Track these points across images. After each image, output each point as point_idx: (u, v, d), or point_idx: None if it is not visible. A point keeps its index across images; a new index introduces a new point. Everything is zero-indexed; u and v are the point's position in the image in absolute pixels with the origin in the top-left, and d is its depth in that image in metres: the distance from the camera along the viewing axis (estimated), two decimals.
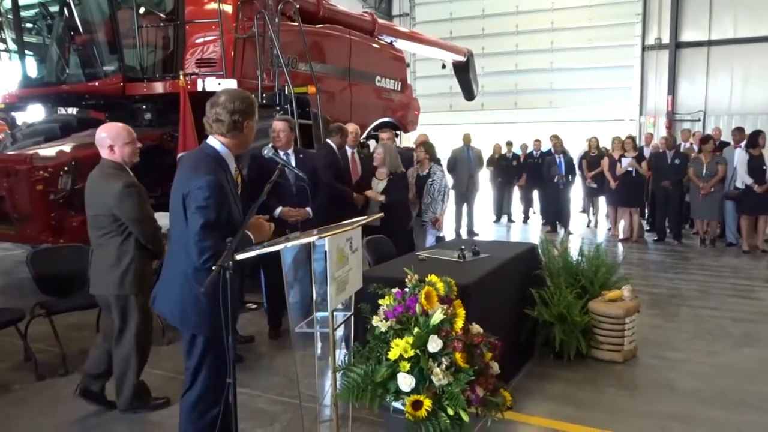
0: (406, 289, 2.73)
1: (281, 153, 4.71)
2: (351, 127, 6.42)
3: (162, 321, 5.21)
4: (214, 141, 2.75)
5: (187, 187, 2.59)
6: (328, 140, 6.21)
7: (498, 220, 13.04)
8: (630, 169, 9.85)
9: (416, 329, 2.56)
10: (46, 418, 3.73)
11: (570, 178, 11.11)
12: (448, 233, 7.34)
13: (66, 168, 6.04)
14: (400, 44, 11.05)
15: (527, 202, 13.19)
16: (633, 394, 4.10)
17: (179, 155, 6.08)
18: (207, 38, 7.01)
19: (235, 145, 2.78)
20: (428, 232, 6.40)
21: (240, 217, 2.69)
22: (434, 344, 2.52)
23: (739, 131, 9.75)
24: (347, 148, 6.33)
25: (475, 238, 9.85)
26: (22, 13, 7.49)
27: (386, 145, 6.22)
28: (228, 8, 6.95)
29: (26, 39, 7.54)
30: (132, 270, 3.59)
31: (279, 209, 4.76)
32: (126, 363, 3.71)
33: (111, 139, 3.60)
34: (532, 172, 12.31)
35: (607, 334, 4.60)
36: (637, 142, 11.50)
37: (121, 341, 3.68)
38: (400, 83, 10.64)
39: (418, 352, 2.52)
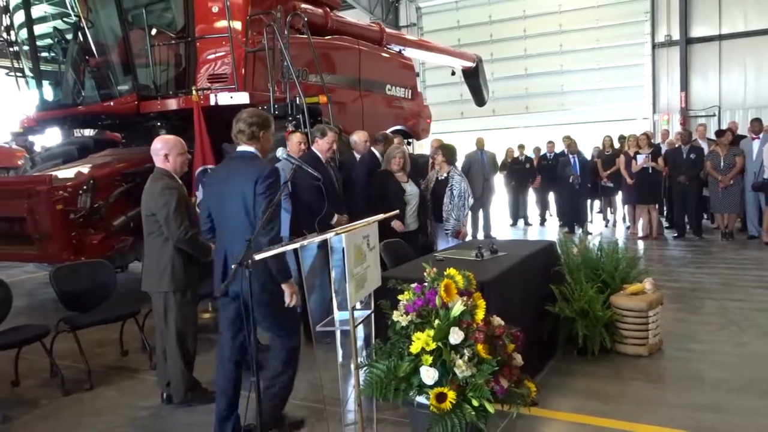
0: (425, 284, 2.72)
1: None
2: (361, 135, 6.43)
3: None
4: (243, 147, 3.43)
5: (254, 176, 3.18)
6: (372, 148, 6.30)
7: (515, 223, 12.98)
8: (646, 165, 9.76)
9: (437, 322, 2.55)
10: (74, 431, 3.75)
11: (584, 178, 11.03)
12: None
13: (84, 187, 6.14)
14: (409, 53, 11.11)
15: (543, 205, 13.12)
16: (660, 387, 4.04)
17: (198, 169, 6.16)
18: (218, 54, 7.12)
19: (259, 149, 3.45)
20: (448, 241, 6.30)
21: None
22: (456, 336, 2.51)
23: (758, 122, 9.63)
24: (356, 155, 6.34)
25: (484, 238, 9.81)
26: (38, 41, 7.65)
27: (399, 147, 6.21)
28: (237, 24, 7.06)
29: (42, 65, 7.70)
30: (170, 268, 3.84)
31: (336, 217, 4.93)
32: (173, 358, 3.92)
33: (167, 149, 3.94)
34: (547, 174, 12.25)
35: (630, 328, 4.54)
36: (653, 140, 11.40)
37: (166, 337, 3.93)
38: (410, 91, 10.68)
39: (439, 344, 2.51)
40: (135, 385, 4.53)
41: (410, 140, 10.84)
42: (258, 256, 2.51)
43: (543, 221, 13.06)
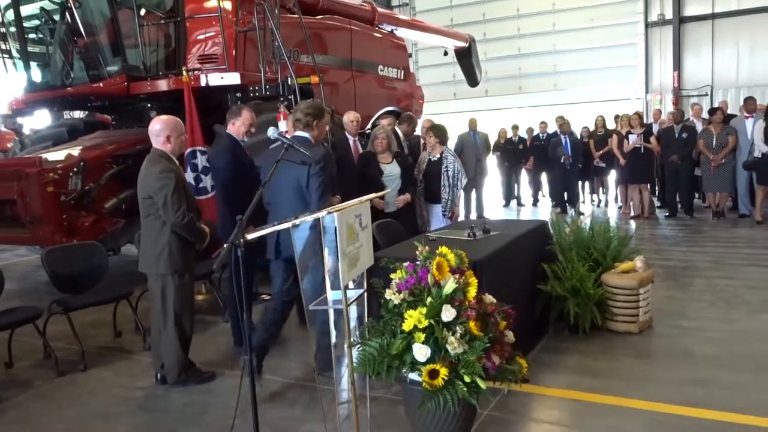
0: (417, 262, 2.73)
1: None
2: (351, 116, 6.39)
3: (222, 300, 5.28)
4: (301, 133, 4.03)
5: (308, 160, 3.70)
6: (396, 128, 6.29)
7: (507, 204, 13.00)
8: (638, 145, 9.77)
9: (429, 299, 2.57)
10: (69, 411, 3.77)
11: (576, 158, 11.04)
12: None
13: (75, 169, 6.10)
14: (402, 33, 11.02)
15: (536, 185, 13.14)
16: (650, 362, 4.09)
17: (187, 151, 6.12)
18: (208, 34, 7.03)
19: (313, 136, 4.05)
20: (440, 219, 6.29)
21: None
22: (448, 313, 2.52)
23: (752, 101, 9.64)
24: (348, 136, 6.31)
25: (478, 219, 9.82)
26: (25, 22, 7.54)
27: (383, 127, 6.15)
28: (228, 3, 6.96)
29: (29, 46, 7.59)
30: (167, 251, 3.84)
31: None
32: (169, 339, 3.94)
33: (169, 130, 3.90)
34: (539, 155, 12.26)
35: (621, 306, 4.59)
36: (645, 119, 11.40)
37: (163, 319, 3.94)
38: (402, 72, 10.62)
39: (432, 322, 2.52)
40: (129, 365, 4.55)
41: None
42: (250, 236, 2.51)
43: (536, 202, 13.10)
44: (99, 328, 5.32)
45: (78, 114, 8.98)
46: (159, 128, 3.89)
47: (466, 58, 13.19)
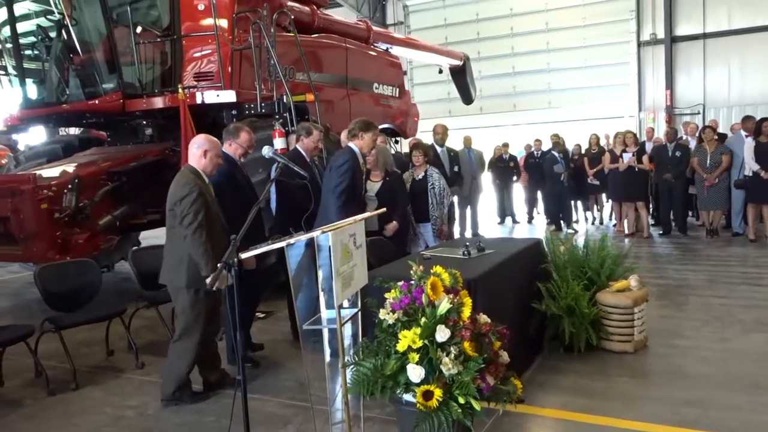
0: (412, 282, 2.73)
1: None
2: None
3: (171, 333, 5.23)
4: (351, 144, 4.69)
5: (334, 163, 4.57)
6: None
7: (502, 221, 13.03)
8: (632, 164, 9.80)
9: (423, 320, 2.56)
10: (59, 431, 3.73)
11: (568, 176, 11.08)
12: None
13: (69, 186, 6.09)
14: (397, 51, 11.12)
15: (531, 203, 13.17)
16: (645, 383, 4.08)
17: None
18: (204, 51, 7.08)
19: (359, 146, 4.68)
20: (428, 239, 6.27)
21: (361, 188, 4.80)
22: (442, 334, 2.52)
23: (750, 119, 9.67)
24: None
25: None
26: (21, 39, 7.58)
27: (378, 145, 6.14)
28: (224, 22, 7.02)
29: (26, 63, 7.62)
30: (184, 264, 3.83)
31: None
32: (176, 355, 3.95)
33: (208, 146, 3.95)
34: (534, 172, 12.32)
35: (616, 325, 4.58)
36: (638, 137, 11.45)
37: (175, 332, 3.98)
38: (398, 89, 10.70)
39: (426, 342, 2.51)
40: (121, 384, 4.50)
41: (398, 138, 10.85)
42: (244, 255, 2.51)
43: (530, 219, 13.12)
44: (91, 346, 5.27)
45: (73, 130, 9.00)
46: (201, 142, 3.96)
47: (460, 76, 13.31)
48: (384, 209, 3.87)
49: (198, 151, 3.93)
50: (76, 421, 3.86)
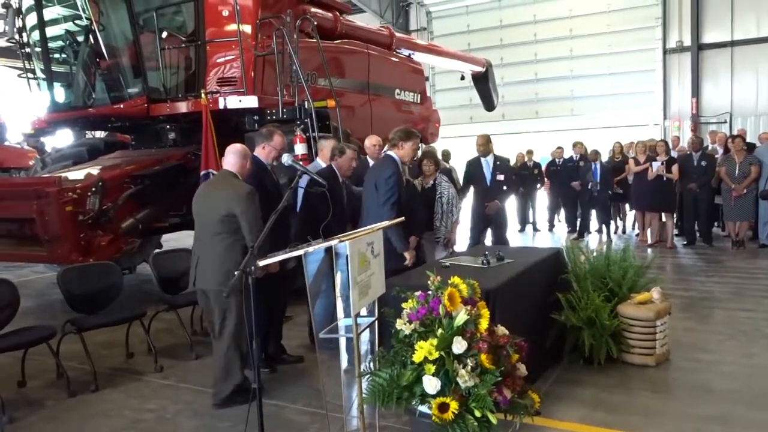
0: (429, 292, 2.71)
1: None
2: (373, 140, 6.40)
3: (190, 337, 5.28)
4: (391, 153, 4.71)
5: (378, 175, 4.60)
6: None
7: (522, 229, 12.92)
8: (661, 173, 9.62)
9: (440, 331, 2.54)
10: None
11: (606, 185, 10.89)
12: (463, 246, 7.18)
13: (93, 189, 6.18)
14: (419, 57, 11.11)
15: (553, 210, 13.04)
16: (667, 397, 4.00)
17: (202, 172, 6.17)
18: (227, 57, 7.14)
19: (401, 155, 4.68)
20: (440, 249, 6.19)
21: (405, 197, 4.69)
22: (459, 345, 2.49)
23: None
24: (369, 160, 6.32)
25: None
26: (50, 43, 7.71)
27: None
28: (247, 28, 7.08)
29: (53, 66, 7.75)
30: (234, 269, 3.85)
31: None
32: (226, 358, 3.98)
33: (248, 156, 4.19)
34: (555, 180, 12.21)
35: (637, 338, 4.50)
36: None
37: (223, 336, 3.98)
38: (419, 96, 10.68)
39: (442, 353, 2.49)
40: (140, 387, 4.54)
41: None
42: (261, 263, 2.51)
43: (551, 227, 13.00)
44: (111, 348, 5.33)
45: (99, 134, 9.14)
46: (240, 152, 4.14)
47: (483, 82, 13.26)
48: (403, 218, 3.84)
49: (244, 160, 4.15)
50: (95, 423, 3.91)
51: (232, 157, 4.12)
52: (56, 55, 7.88)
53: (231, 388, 3.99)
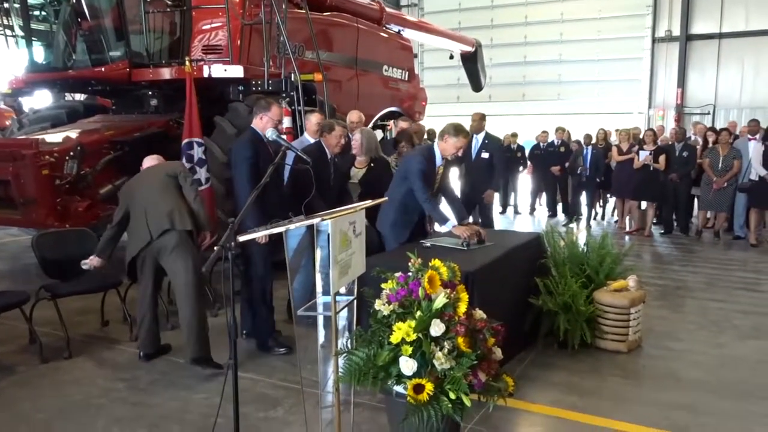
0: (410, 273, 2.71)
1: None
2: (355, 116, 6.34)
3: (167, 306, 5.25)
4: (435, 145, 4.62)
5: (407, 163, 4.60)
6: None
7: (504, 211, 12.98)
8: (647, 163, 9.67)
9: (419, 313, 2.54)
10: (50, 400, 3.74)
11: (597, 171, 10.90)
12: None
13: (72, 153, 6.05)
14: (408, 34, 10.99)
15: (534, 194, 13.09)
16: (637, 384, 4.07)
17: (184, 141, 6.07)
18: (214, 24, 7.00)
19: (441, 149, 4.55)
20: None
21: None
22: (437, 328, 2.50)
23: (755, 122, 9.62)
24: (351, 135, 6.25)
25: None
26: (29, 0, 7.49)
27: (364, 129, 5.84)
28: None
29: (33, 24, 7.54)
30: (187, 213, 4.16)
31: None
32: (201, 302, 4.17)
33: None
34: (539, 164, 12.25)
35: (611, 324, 4.57)
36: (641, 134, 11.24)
37: (187, 282, 4.10)
38: (407, 73, 10.60)
39: (420, 335, 2.50)
40: (114, 356, 4.51)
41: (387, 123, 10.72)
42: (241, 238, 2.49)
43: (532, 210, 13.08)
44: (86, 315, 5.29)
45: (79, 96, 8.93)
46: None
47: (471, 62, 13.18)
48: (385, 199, 3.82)
49: None
50: (67, 390, 3.88)
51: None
52: (36, 13, 7.66)
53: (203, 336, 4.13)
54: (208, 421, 3.34)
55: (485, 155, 7.49)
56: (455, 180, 7.68)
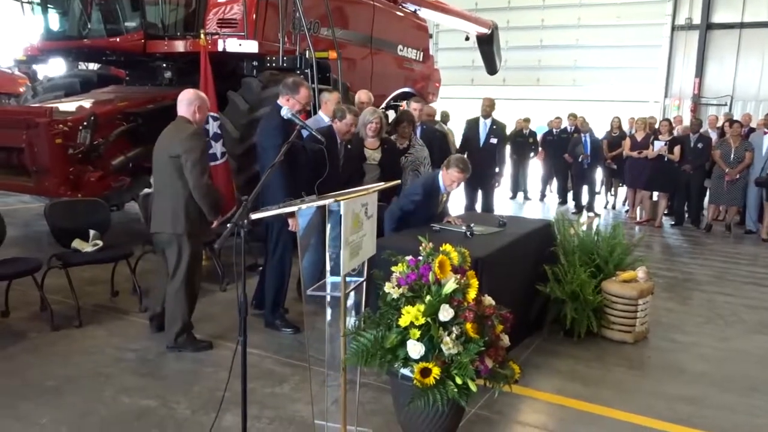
0: (420, 257, 2.71)
1: None
2: (363, 96, 6.25)
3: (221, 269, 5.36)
4: (438, 174, 4.59)
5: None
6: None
7: (514, 196, 12.94)
8: (662, 153, 9.58)
9: (428, 297, 2.55)
10: (60, 368, 3.79)
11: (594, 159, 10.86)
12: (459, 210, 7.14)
13: (85, 123, 6.05)
14: (424, 13, 10.88)
15: (545, 181, 13.03)
16: (642, 374, 4.08)
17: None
18: None
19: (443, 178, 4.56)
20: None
21: None
22: (445, 313, 2.51)
23: None
24: None
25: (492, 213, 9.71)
26: None
27: (376, 110, 5.55)
28: None
29: None
30: (184, 213, 3.91)
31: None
32: (176, 300, 4.02)
33: (200, 102, 4.06)
34: (551, 151, 12.18)
35: (618, 315, 4.57)
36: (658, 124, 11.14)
37: (174, 278, 4.01)
38: (422, 53, 10.50)
39: (428, 320, 2.50)
40: (124, 326, 4.56)
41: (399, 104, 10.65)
42: (254, 216, 2.50)
43: (543, 197, 13.03)
44: (96, 285, 5.34)
45: (92, 66, 8.92)
46: (190, 98, 4.02)
47: (487, 45, 13.04)
48: (399, 181, 3.80)
49: (192, 107, 4.01)
50: (77, 359, 3.93)
51: (181, 105, 4.05)
52: None
53: (177, 329, 4.05)
54: (214, 394, 3.39)
55: (494, 140, 7.62)
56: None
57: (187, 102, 4.02)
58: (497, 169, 7.93)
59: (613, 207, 12.11)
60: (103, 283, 5.30)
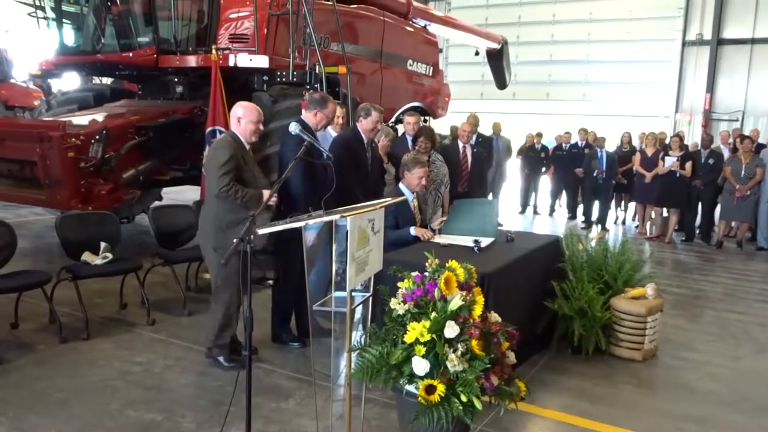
0: (426, 273, 2.71)
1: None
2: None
3: (184, 293, 5.31)
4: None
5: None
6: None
7: (523, 211, 12.91)
8: (674, 169, 9.54)
9: (434, 314, 2.54)
10: (67, 379, 3.81)
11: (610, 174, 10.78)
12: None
13: (97, 136, 6.13)
14: (434, 29, 10.94)
15: (555, 195, 12.99)
16: (650, 393, 4.04)
17: (207, 129, 6.13)
18: (241, 13, 7.04)
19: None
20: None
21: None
22: (451, 330, 2.50)
23: None
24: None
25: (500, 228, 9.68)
26: None
27: (384, 128, 5.58)
28: None
29: (64, 7, 7.62)
30: (216, 226, 3.89)
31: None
32: (215, 319, 4.05)
33: (242, 114, 3.94)
34: (560, 165, 12.15)
35: (627, 332, 4.53)
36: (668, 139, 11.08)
37: (214, 297, 4.06)
38: (431, 68, 10.56)
39: (434, 336, 2.50)
40: (131, 339, 4.58)
41: (426, 118, 10.73)
42: (261, 231, 2.51)
43: (552, 212, 12.98)
44: (105, 297, 5.37)
45: (106, 80, 9.04)
46: (233, 110, 4.00)
47: (497, 59, 13.09)
48: (404, 197, 3.81)
49: (232, 119, 4.02)
50: (84, 371, 3.94)
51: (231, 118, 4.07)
52: None
53: (217, 345, 4.05)
54: (220, 408, 3.39)
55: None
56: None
57: (231, 114, 4.08)
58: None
59: (623, 222, 12.04)
60: (112, 295, 5.33)
